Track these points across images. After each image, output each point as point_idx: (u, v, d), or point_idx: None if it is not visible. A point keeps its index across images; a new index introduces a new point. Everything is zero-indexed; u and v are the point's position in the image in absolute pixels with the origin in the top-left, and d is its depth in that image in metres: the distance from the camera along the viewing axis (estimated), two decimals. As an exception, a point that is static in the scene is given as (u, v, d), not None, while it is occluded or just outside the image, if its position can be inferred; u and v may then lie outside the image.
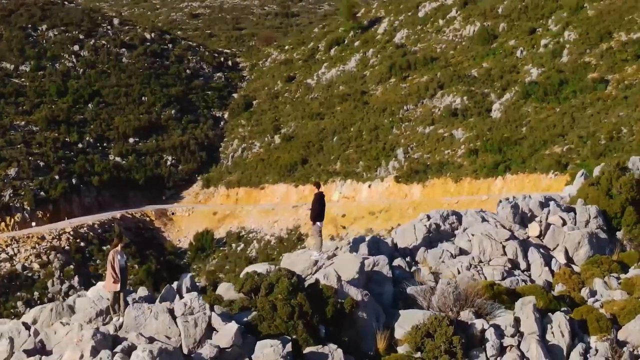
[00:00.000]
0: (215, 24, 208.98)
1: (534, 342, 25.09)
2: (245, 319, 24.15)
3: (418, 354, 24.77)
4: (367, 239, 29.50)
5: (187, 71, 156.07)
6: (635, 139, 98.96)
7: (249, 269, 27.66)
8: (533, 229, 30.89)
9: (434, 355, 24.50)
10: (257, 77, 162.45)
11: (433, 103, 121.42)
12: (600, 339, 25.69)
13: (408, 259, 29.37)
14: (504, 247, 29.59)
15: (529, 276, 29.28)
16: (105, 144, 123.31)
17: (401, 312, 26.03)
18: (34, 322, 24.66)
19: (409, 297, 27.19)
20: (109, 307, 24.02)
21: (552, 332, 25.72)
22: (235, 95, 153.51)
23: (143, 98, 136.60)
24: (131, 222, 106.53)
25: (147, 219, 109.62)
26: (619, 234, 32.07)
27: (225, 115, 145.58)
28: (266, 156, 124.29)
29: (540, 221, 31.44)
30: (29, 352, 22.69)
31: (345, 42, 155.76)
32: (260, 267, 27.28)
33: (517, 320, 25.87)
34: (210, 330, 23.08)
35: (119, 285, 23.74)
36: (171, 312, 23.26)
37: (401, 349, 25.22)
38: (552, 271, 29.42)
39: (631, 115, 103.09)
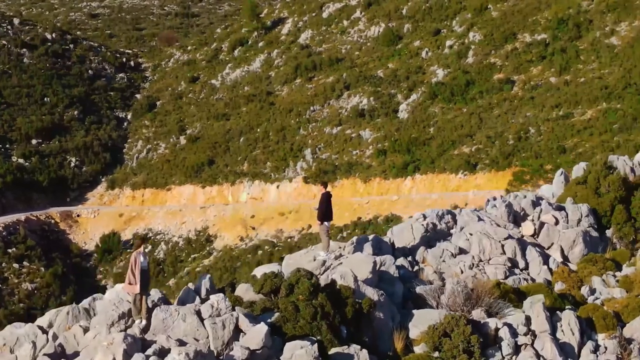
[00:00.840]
0: (115, 24, 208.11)
1: (548, 341, 25.47)
2: (269, 320, 24.13)
3: (436, 354, 24.98)
4: (370, 237, 29.63)
5: (89, 72, 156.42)
6: (543, 139, 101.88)
7: (261, 270, 27.70)
8: (527, 228, 31.70)
9: (452, 355, 24.69)
10: (160, 78, 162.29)
11: (340, 104, 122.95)
12: (608, 336, 26.39)
13: (410, 258, 29.71)
14: (502, 246, 30.16)
15: (528, 275, 29.90)
16: (7, 146, 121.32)
17: (415, 311, 26.36)
18: (50, 325, 24.34)
19: (418, 296, 27.47)
20: (131, 310, 23.75)
21: (562, 330, 26.22)
22: (138, 96, 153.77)
23: (45, 99, 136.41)
24: (36, 224, 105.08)
25: (52, 221, 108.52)
26: (609, 232, 33.09)
27: (129, 116, 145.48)
28: (172, 157, 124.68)
29: (533, 220, 32.13)
30: (50, 356, 22.51)
31: (249, 42, 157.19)
32: (271, 268, 27.31)
33: (527, 319, 26.10)
34: (237, 332, 23.05)
35: (138, 287, 23.46)
36: (198, 313, 23.20)
37: (418, 349, 25.52)
38: (550, 270, 30.09)
39: (538, 116, 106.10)
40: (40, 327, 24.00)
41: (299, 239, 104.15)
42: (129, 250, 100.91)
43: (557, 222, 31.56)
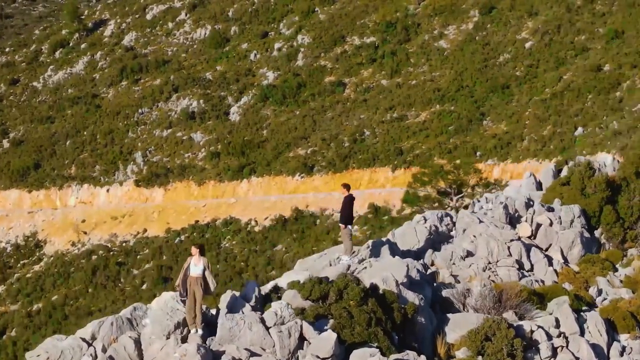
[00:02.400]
0: None
1: (583, 342, 25.94)
2: (325, 327, 23.70)
3: (479, 358, 25.03)
4: (384, 240, 29.60)
5: None
6: (379, 140, 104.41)
7: (290, 277, 27.16)
8: (524, 229, 32.40)
9: (496, 359, 24.84)
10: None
11: (169, 106, 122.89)
12: (632, 337, 27.32)
13: (422, 261, 29.87)
14: (508, 247, 30.75)
15: (533, 276, 30.66)
16: None
17: (451, 315, 26.56)
18: (93, 337, 23.26)
19: (444, 299, 27.66)
20: (186, 319, 23.01)
21: (590, 332, 26.90)
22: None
23: None
24: None
25: None
26: (597, 233, 34.35)
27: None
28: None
29: (527, 221, 32.92)
30: (104, 370, 20.96)
31: (71, 44, 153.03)
32: (300, 275, 26.77)
33: (556, 321, 26.68)
34: (301, 340, 22.69)
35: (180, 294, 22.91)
36: (262, 321, 22.74)
37: (460, 354, 25.61)
38: (555, 271, 30.95)
39: (372, 118, 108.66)
40: (83, 339, 23.02)
41: (135, 243, 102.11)
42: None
43: (551, 224, 32.25)
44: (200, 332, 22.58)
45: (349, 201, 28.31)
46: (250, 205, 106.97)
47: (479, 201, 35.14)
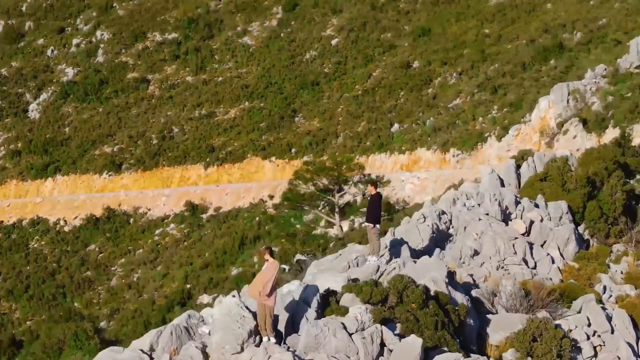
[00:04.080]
0: None
1: (622, 341, 25.88)
2: (395, 332, 22.82)
3: (529, 359, 24.32)
4: (399, 238, 28.40)
5: None
6: (189, 138, 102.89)
7: (326, 279, 25.63)
8: (519, 226, 31.97)
9: None
10: None
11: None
12: None
13: (433, 261, 28.88)
14: (513, 245, 30.24)
15: (539, 274, 30.29)
16: None
17: (491, 316, 25.94)
18: (151, 348, 21.55)
19: (474, 299, 26.89)
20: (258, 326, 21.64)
21: (618, 330, 26.82)
22: None
23: None
24: None
25: None
26: (580, 229, 34.31)
27: None
28: None
29: (517, 217, 32.52)
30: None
31: None
32: (338, 277, 25.28)
33: (587, 319, 26.48)
34: (381, 346, 21.72)
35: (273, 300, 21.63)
36: (344, 328, 21.56)
37: (509, 355, 25.03)
38: (558, 268, 30.67)
39: (180, 115, 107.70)
40: (142, 351, 21.36)
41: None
42: None
43: (541, 220, 31.92)
44: (273, 339, 21.33)
45: (377, 199, 27.28)
46: (58, 205, 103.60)
47: (458, 198, 34.07)
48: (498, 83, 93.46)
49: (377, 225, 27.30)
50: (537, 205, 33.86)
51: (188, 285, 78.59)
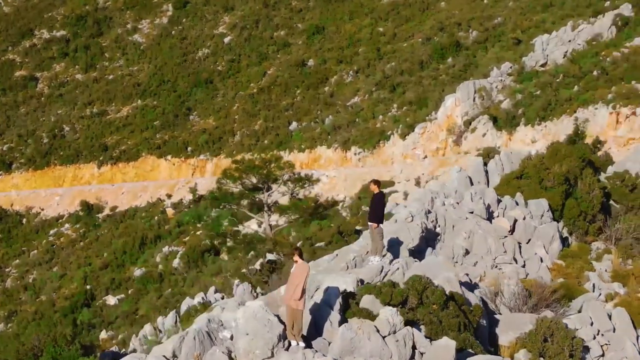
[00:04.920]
0: None
1: (627, 340, 25.54)
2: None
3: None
4: (396, 238, 27.52)
5: None
6: (80, 136, 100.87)
7: (335, 280, 24.66)
8: (504, 225, 31.35)
9: None
10: None
11: None
12: None
13: (429, 260, 28.13)
14: (503, 243, 29.67)
15: (530, 272, 29.81)
16: None
17: (499, 317, 25.34)
18: (174, 355, 20.86)
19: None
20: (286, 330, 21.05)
21: (620, 328, 26.47)
22: None
23: None
24: None
25: None
26: (559, 226, 33.83)
27: None
28: None
29: (500, 215, 31.94)
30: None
31: None
32: (347, 278, 24.31)
33: (589, 318, 26.09)
34: (412, 349, 21.22)
35: (303, 303, 20.95)
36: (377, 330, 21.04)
37: (521, 356, 24.48)
38: (546, 267, 30.21)
39: (71, 113, 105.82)
40: (166, 357, 20.74)
41: None
42: None
43: (524, 218, 31.38)
44: (302, 344, 20.69)
45: (380, 198, 26.59)
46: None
47: (437, 197, 33.18)
48: (396, 81, 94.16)
49: (381, 225, 26.57)
50: (517, 203, 33.14)
51: (88, 286, 75.98)
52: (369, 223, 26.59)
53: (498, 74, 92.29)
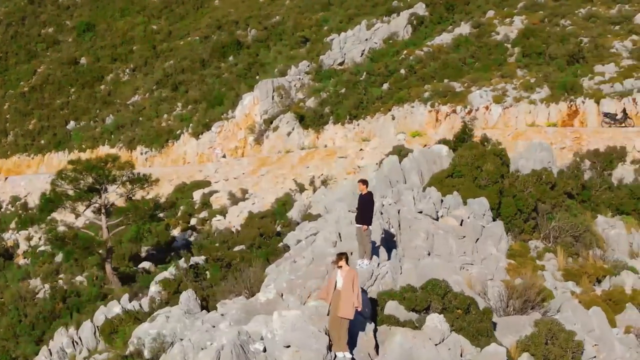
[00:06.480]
0: None
1: (615, 340, 25.28)
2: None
3: None
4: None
5: None
6: None
7: None
8: (452, 224, 30.02)
9: None
10: None
11: None
12: (627, 330, 27.09)
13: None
14: (462, 244, 28.47)
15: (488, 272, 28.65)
16: None
17: (498, 319, 24.56)
18: None
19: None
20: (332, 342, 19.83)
21: (599, 328, 25.99)
22: None
23: None
24: None
25: None
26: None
27: None
28: None
29: (445, 215, 30.60)
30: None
31: None
32: None
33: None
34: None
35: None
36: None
37: (525, 359, 23.40)
38: (503, 266, 29.18)
39: None
40: None
41: None
42: None
43: (469, 217, 30.13)
44: (349, 355, 19.55)
45: (369, 199, 25.09)
46: None
47: (375, 193, 31.20)
48: (178, 80, 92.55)
49: (370, 227, 25.23)
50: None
51: None
52: (357, 225, 25.10)
53: (296, 72, 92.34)
